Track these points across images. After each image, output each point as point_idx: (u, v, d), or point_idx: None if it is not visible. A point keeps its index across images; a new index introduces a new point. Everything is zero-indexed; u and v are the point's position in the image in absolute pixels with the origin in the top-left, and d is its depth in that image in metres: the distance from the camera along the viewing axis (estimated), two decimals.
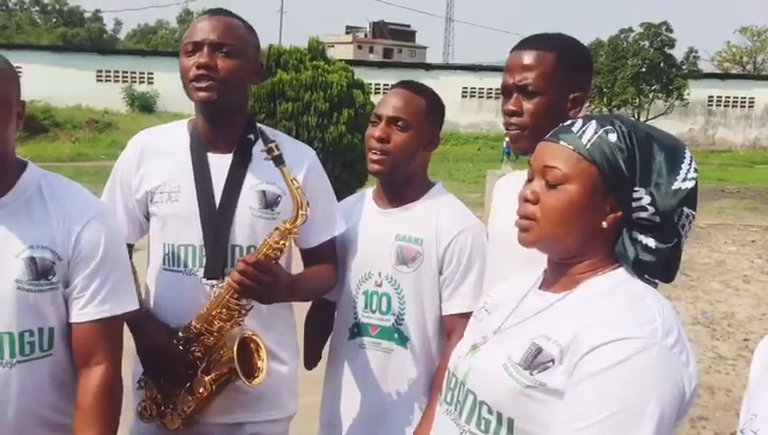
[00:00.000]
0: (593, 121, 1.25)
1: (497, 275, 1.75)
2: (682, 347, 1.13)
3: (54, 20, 70.76)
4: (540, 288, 1.32)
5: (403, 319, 1.98)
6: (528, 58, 1.72)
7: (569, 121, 1.29)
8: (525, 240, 1.27)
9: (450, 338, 1.95)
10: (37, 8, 72.65)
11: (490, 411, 1.20)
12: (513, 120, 1.74)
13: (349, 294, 2.04)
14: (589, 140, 1.22)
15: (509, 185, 1.88)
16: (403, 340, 1.98)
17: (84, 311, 1.55)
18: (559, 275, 1.28)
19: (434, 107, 2.02)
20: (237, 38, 1.83)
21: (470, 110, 29.72)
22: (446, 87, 27.19)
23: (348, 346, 2.04)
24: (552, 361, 1.15)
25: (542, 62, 1.71)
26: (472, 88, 30.33)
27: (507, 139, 1.81)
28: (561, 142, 1.24)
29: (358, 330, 2.02)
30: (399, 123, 1.95)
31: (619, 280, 1.22)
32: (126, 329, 1.70)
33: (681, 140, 1.29)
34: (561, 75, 1.71)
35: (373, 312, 2.00)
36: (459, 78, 30.34)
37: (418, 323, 1.98)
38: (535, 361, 1.16)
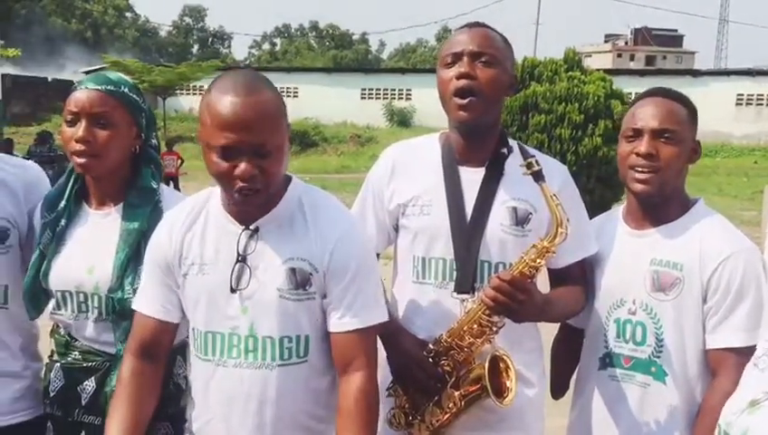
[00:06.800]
0: None
1: None
2: None
3: (327, 43, 77.94)
4: None
5: (661, 351, 1.81)
6: None
7: None
8: None
9: (716, 376, 1.75)
10: (314, 33, 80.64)
11: None
12: None
13: (598, 321, 1.92)
14: None
15: None
16: (661, 374, 1.81)
17: (342, 321, 1.62)
18: None
19: (693, 113, 1.87)
20: (495, 48, 1.84)
21: (746, 118, 26.82)
22: (717, 94, 24.90)
23: (598, 377, 1.92)
24: None
25: None
26: (749, 94, 27.36)
27: None
28: None
29: (609, 360, 1.89)
30: (667, 135, 1.80)
31: None
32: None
33: None
34: None
35: (626, 342, 1.86)
36: (733, 84, 27.56)
37: (679, 356, 1.80)
38: None
